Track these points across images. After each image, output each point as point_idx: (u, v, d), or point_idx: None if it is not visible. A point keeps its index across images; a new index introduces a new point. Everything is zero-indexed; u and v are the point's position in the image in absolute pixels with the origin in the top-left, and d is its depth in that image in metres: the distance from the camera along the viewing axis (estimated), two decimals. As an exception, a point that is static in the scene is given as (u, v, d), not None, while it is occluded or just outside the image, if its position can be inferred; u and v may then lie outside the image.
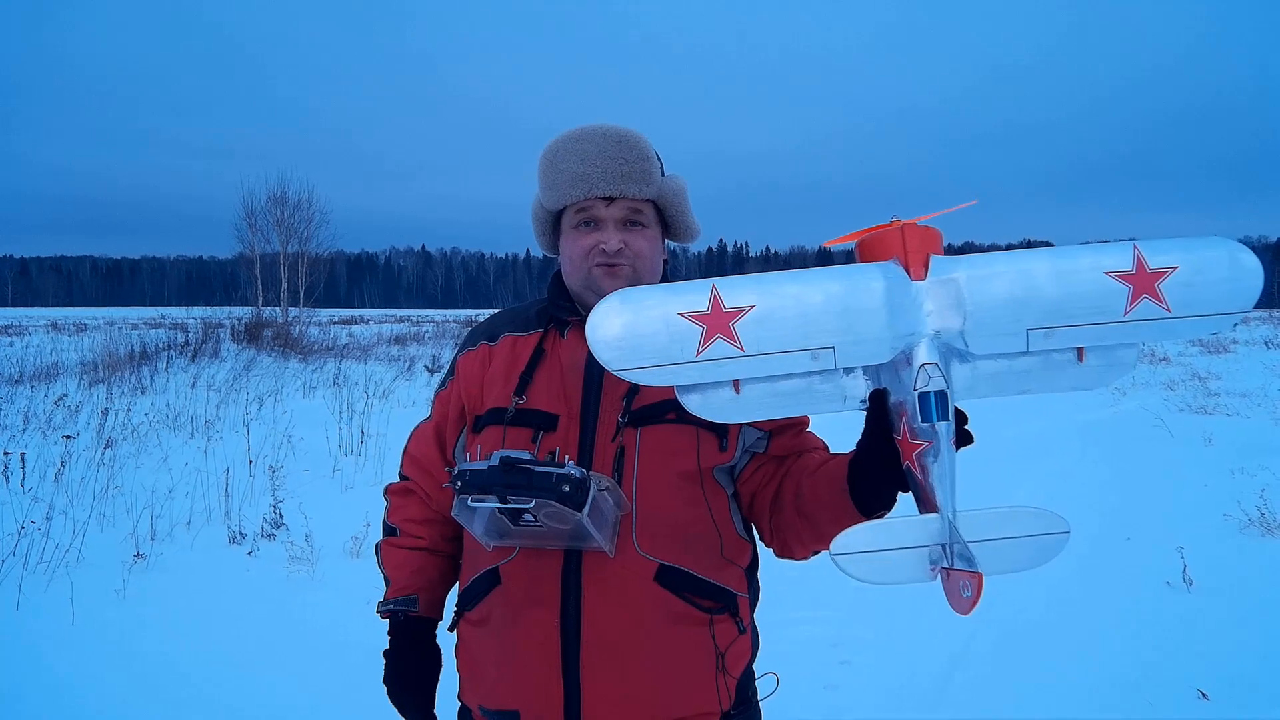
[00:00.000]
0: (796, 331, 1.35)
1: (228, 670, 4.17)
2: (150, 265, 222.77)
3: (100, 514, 6.41)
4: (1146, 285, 1.35)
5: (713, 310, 1.35)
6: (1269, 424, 10.25)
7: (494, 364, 1.81)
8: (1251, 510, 6.27)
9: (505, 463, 1.46)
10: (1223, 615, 4.75)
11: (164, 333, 18.03)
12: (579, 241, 1.75)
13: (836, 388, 1.42)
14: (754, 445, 1.74)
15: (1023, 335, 1.36)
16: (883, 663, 4.33)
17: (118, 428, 9.19)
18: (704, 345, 1.34)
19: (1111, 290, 1.35)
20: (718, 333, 1.34)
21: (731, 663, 1.70)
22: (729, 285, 1.37)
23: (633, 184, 1.72)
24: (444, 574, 1.88)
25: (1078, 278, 1.36)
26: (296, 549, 5.76)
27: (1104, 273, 1.36)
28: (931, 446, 1.29)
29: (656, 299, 1.37)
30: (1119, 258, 1.36)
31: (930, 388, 1.31)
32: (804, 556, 1.73)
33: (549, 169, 1.75)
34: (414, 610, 1.81)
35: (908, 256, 1.39)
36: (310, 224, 26.53)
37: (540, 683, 1.62)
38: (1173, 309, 1.35)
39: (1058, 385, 1.42)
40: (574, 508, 1.44)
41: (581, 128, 1.77)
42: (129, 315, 41.55)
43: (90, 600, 4.90)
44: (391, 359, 19.19)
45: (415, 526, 1.88)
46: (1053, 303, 1.35)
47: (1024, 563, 1.29)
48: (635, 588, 1.62)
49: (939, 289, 1.37)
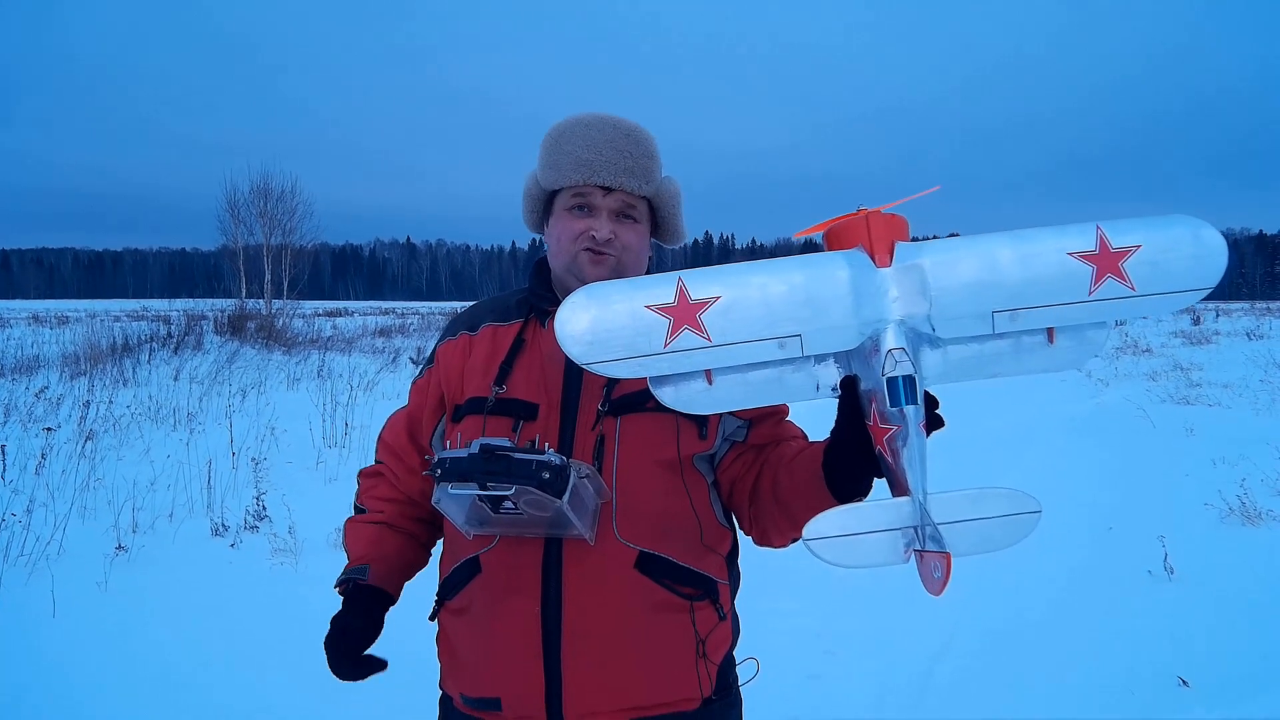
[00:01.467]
0: (762, 321, 1.37)
1: (210, 663, 4.15)
2: (133, 257, 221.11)
3: (81, 506, 6.37)
4: (1110, 265, 1.36)
5: (679, 302, 1.37)
6: (1250, 414, 10.32)
7: (474, 353, 1.81)
8: (1232, 499, 6.32)
9: (485, 450, 1.47)
10: (1203, 604, 4.79)
11: (146, 325, 17.87)
12: (571, 225, 1.75)
13: (809, 376, 1.43)
14: (734, 434, 1.75)
15: (988, 318, 1.37)
16: (867, 654, 4.34)
17: (99, 420, 9.14)
18: (671, 337, 1.36)
19: (1075, 271, 1.36)
20: (685, 324, 1.36)
21: (712, 649, 1.71)
22: (695, 277, 1.38)
23: (634, 179, 1.73)
24: (401, 549, 1.86)
25: (1041, 260, 1.37)
26: (280, 541, 5.75)
27: (1067, 253, 1.37)
28: (901, 430, 1.30)
29: (623, 293, 1.39)
30: (1082, 238, 1.37)
31: (898, 372, 1.31)
32: (782, 545, 1.73)
33: (553, 149, 1.76)
34: (363, 579, 1.79)
35: (872, 244, 1.40)
36: (294, 215, 26.40)
37: (521, 670, 1.62)
38: (1137, 287, 1.36)
39: (1029, 367, 1.43)
40: (554, 495, 1.45)
41: (593, 114, 1.78)
42: (111, 307, 41.28)
43: (71, 593, 4.88)
44: (376, 351, 19.14)
45: (379, 503, 1.88)
46: (1017, 285, 1.37)
47: (996, 543, 1.30)
48: (616, 575, 1.63)
49: (904, 275, 1.38)
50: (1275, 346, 17.39)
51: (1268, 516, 6.20)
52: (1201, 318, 27.19)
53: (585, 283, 1.72)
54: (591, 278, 1.72)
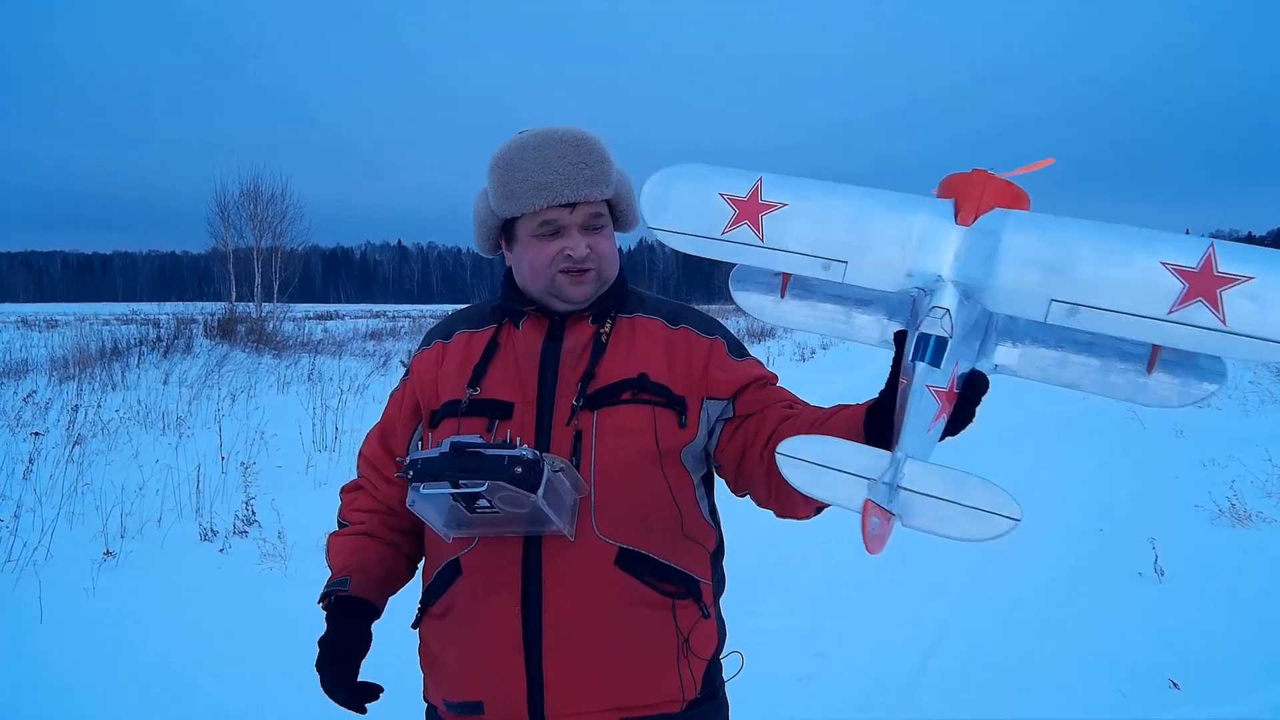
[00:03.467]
0: (816, 238, 1.37)
1: (199, 669, 4.13)
2: (122, 260, 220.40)
3: (69, 512, 6.33)
4: (1206, 288, 1.17)
5: (750, 198, 1.40)
6: (1239, 416, 10.38)
7: (448, 360, 1.81)
8: (1222, 501, 6.35)
9: (456, 448, 1.46)
10: (1194, 605, 4.80)
11: (136, 328, 17.83)
12: (542, 250, 1.73)
13: (877, 322, 1.45)
14: (722, 414, 1.73)
15: (1044, 304, 1.24)
16: (857, 654, 4.33)
17: (88, 424, 9.10)
18: (731, 227, 1.40)
19: (1162, 282, 1.19)
20: (745, 219, 1.39)
21: (697, 647, 1.70)
22: (775, 181, 1.41)
23: (594, 187, 1.71)
24: (383, 558, 1.83)
25: (1129, 261, 1.22)
26: (269, 546, 5.72)
27: (1160, 262, 1.20)
28: (912, 386, 1.25)
29: (705, 174, 1.44)
30: (1185, 251, 1.19)
31: (932, 331, 1.24)
32: (807, 514, 1.64)
33: (505, 177, 1.72)
34: (344, 590, 1.76)
35: (963, 201, 1.34)
36: (284, 218, 26.44)
37: (503, 671, 1.61)
38: (1229, 322, 1.15)
39: (1114, 392, 1.32)
40: (528, 489, 1.43)
41: (535, 133, 1.75)
42: (100, 311, 41.21)
43: (59, 599, 4.85)
44: (367, 354, 19.08)
45: (359, 515, 1.87)
46: (1088, 280, 1.23)
47: (958, 531, 1.19)
48: (596, 572, 1.62)
49: (978, 239, 1.30)
50: (1264, 348, 17.46)
51: (1257, 518, 6.22)
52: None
53: (570, 303, 1.73)
54: (574, 297, 1.73)
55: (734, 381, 1.74)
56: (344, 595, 1.77)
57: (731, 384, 1.74)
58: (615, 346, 1.74)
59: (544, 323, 1.78)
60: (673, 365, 1.73)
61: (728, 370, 1.75)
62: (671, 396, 1.70)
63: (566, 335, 1.76)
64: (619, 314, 1.79)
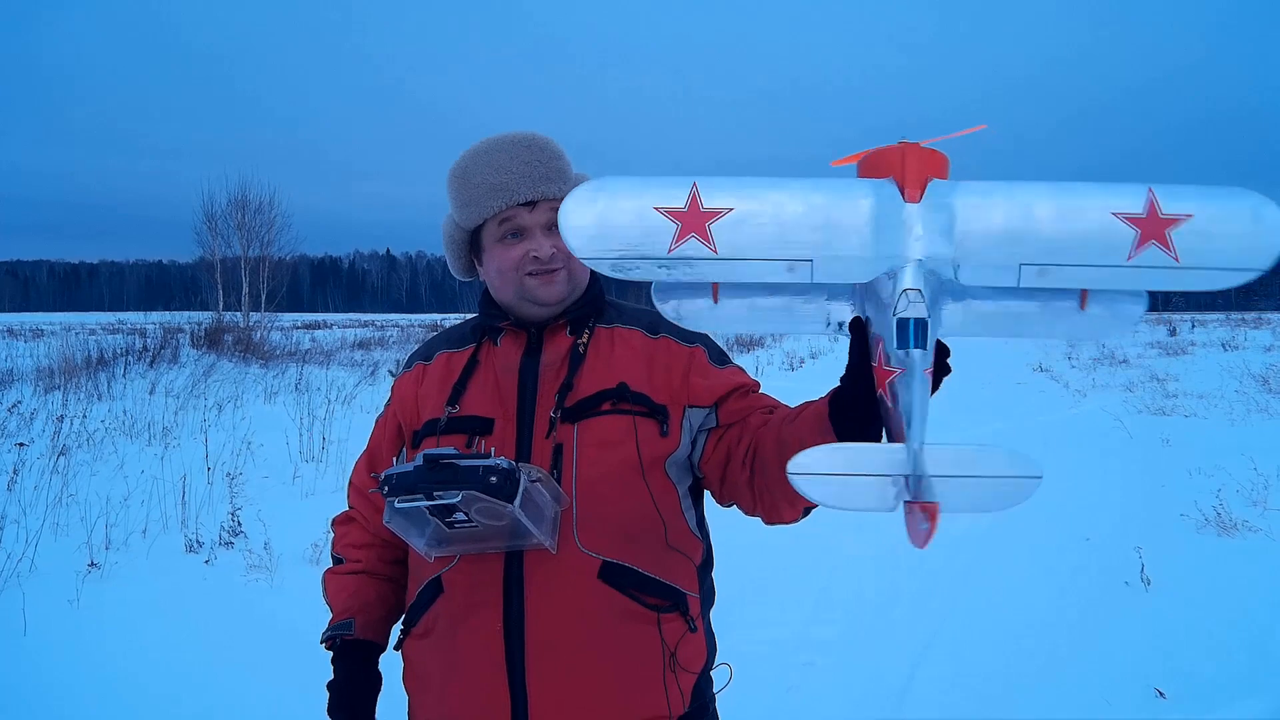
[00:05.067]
0: (774, 240, 1.29)
1: (184, 680, 4.09)
2: (109, 269, 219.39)
3: (54, 523, 6.29)
4: (1156, 231, 1.26)
5: (690, 208, 1.28)
6: (1225, 425, 10.41)
7: (428, 380, 1.81)
8: (1208, 510, 6.36)
9: (429, 460, 1.44)
10: (1180, 614, 4.81)
11: (122, 338, 17.73)
12: (507, 254, 1.73)
13: (820, 309, 1.38)
14: (704, 423, 1.72)
15: (1015, 270, 1.27)
16: (846, 664, 4.33)
17: (73, 435, 9.04)
18: (676, 243, 1.28)
19: (1117, 232, 1.26)
20: (692, 231, 1.28)
21: (684, 661, 1.67)
22: (711, 184, 1.30)
23: (551, 184, 1.71)
24: (382, 595, 1.83)
25: (1082, 216, 1.27)
26: (255, 557, 5.69)
27: (1111, 214, 1.26)
28: (904, 375, 1.23)
29: (633, 189, 1.30)
30: (1130, 199, 1.26)
31: (910, 314, 1.23)
32: (793, 518, 1.63)
33: (462, 186, 1.73)
34: (350, 634, 1.76)
35: (905, 176, 1.31)
36: (272, 227, 26.42)
37: (486, 689, 1.59)
38: (1181, 259, 1.25)
39: (1056, 332, 1.37)
40: (504, 499, 1.41)
41: (486, 140, 1.76)
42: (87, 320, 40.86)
43: (43, 610, 4.81)
44: (355, 364, 19.01)
45: (355, 551, 1.86)
46: (1051, 239, 1.27)
47: (989, 503, 1.23)
48: (579, 586, 1.59)
49: (932, 214, 1.29)
50: (1250, 357, 17.58)
51: (1243, 527, 6.24)
52: (1178, 329, 27.45)
53: (542, 305, 1.72)
54: (545, 298, 1.71)
55: (715, 389, 1.72)
56: (350, 639, 1.76)
57: (713, 391, 1.72)
58: (594, 357, 1.73)
59: (522, 336, 1.77)
60: (653, 374, 1.72)
61: (709, 377, 1.74)
62: (652, 405, 1.68)
63: (545, 348, 1.75)
64: (597, 324, 1.78)
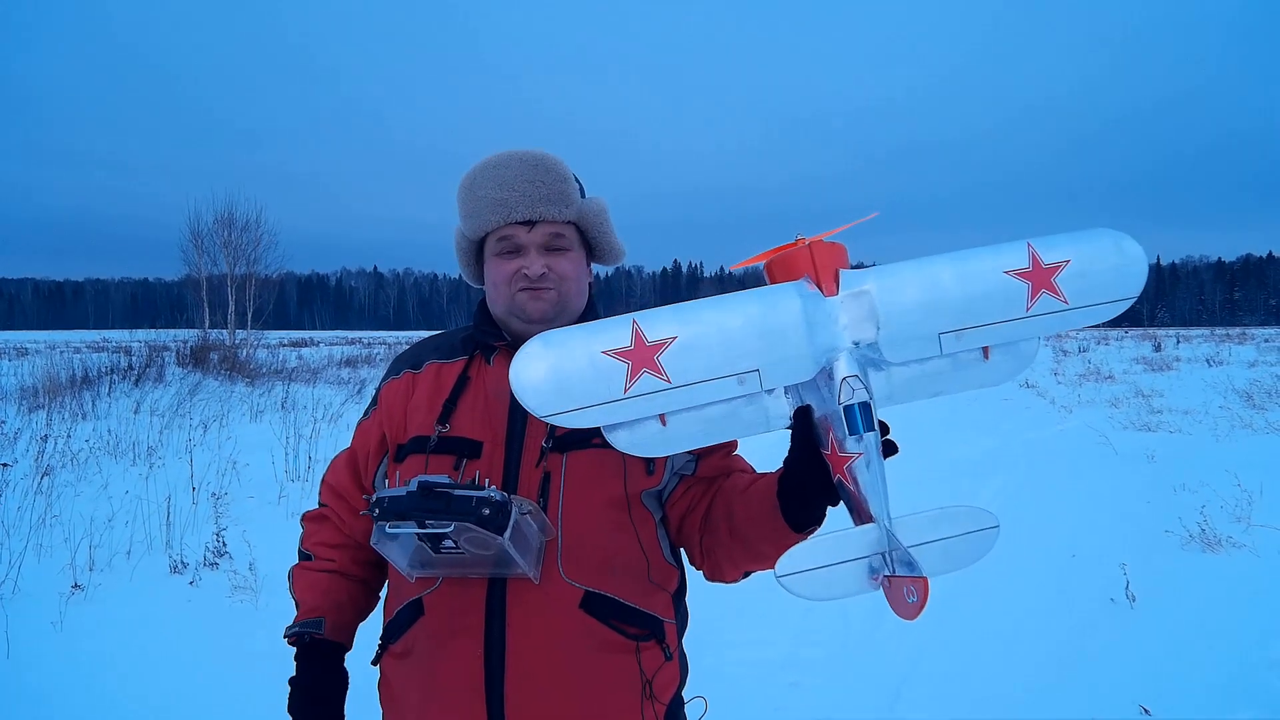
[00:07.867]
0: (721, 358, 1.36)
1: (168, 703, 4.07)
2: (94, 287, 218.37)
3: (37, 544, 6.23)
4: (1044, 280, 1.40)
5: (636, 345, 1.35)
6: (1210, 441, 10.45)
7: (417, 392, 1.79)
8: (1193, 526, 6.38)
9: (423, 487, 1.44)
10: (1165, 631, 4.83)
11: (107, 356, 17.66)
12: (502, 268, 1.74)
13: (760, 410, 1.43)
14: (683, 468, 1.74)
15: (935, 340, 1.39)
16: (832, 683, 4.33)
17: (57, 455, 8.97)
18: (631, 381, 1.34)
19: (1012, 288, 1.39)
20: (644, 367, 1.34)
21: (659, 689, 1.68)
22: (649, 318, 1.37)
23: (551, 206, 1.72)
24: (354, 597, 1.83)
25: (981, 279, 1.40)
26: (240, 578, 5.65)
27: (1004, 272, 1.39)
28: (861, 458, 1.30)
29: (579, 339, 1.36)
30: (1015, 256, 1.40)
31: (855, 400, 1.32)
32: (734, 578, 1.72)
33: (468, 197, 1.75)
34: (319, 633, 1.75)
35: (818, 273, 1.42)
36: (258, 245, 26.25)
37: (464, 715, 1.59)
38: (1070, 300, 1.39)
39: (968, 383, 1.46)
40: (495, 531, 1.42)
41: (498, 154, 1.77)
42: (71, 339, 40.75)
43: (26, 633, 4.77)
44: (341, 382, 18.94)
45: (327, 550, 1.84)
46: (960, 305, 1.39)
47: (963, 560, 1.32)
48: (561, 615, 1.60)
49: (852, 302, 1.39)
50: (1235, 373, 17.68)
51: (1228, 543, 6.26)
52: (1163, 344, 27.60)
53: (530, 322, 1.73)
54: (534, 313, 1.72)
55: None
56: (319, 638, 1.76)
57: None
58: None
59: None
60: None
61: None
62: None
63: None
64: None
